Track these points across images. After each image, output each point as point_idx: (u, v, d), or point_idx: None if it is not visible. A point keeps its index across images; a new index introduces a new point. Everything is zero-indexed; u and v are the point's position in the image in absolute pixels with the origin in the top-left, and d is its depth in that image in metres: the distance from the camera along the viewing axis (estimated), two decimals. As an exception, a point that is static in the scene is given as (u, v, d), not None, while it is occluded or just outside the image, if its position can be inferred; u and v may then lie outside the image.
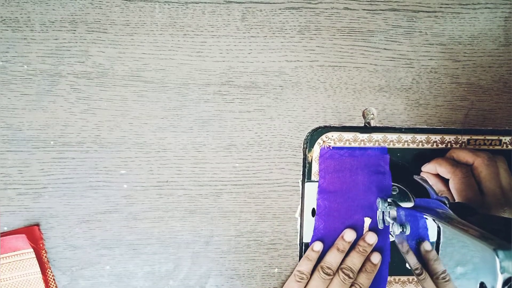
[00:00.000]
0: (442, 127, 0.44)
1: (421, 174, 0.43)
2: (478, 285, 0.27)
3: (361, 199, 0.44)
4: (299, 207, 0.45)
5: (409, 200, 0.44)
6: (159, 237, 0.44)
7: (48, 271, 0.43)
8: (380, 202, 0.42)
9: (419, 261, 0.36)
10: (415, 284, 0.46)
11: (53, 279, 0.43)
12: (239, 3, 0.43)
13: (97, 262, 0.43)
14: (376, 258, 0.43)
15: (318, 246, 0.43)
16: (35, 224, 0.42)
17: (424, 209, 0.36)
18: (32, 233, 0.42)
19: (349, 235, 0.43)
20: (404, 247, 0.38)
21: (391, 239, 0.45)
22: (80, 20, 0.42)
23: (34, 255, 0.42)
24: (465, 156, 0.40)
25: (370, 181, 0.44)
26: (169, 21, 0.42)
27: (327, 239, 0.44)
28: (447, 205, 0.33)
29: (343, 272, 0.42)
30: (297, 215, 0.45)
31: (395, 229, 0.38)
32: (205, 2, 0.42)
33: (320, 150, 0.44)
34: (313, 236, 0.44)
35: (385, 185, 0.44)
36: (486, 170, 0.38)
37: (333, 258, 0.42)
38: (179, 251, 0.44)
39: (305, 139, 0.44)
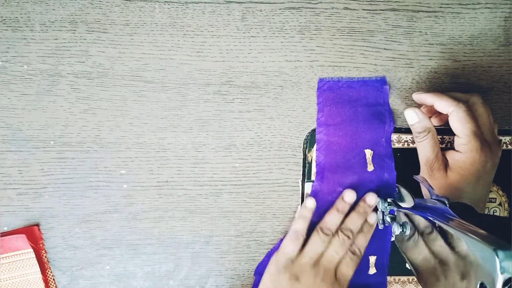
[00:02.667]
0: (442, 127, 0.44)
1: (413, 96, 0.43)
2: (478, 285, 0.27)
3: (361, 131, 0.43)
4: (299, 207, 0.44)
5: (409, 200, 0.44)
6: (159, 237, 0.44)
7: (48, 271, 0.43)
8: (380, 202, 0.42)
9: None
10: (415, 284, 0.46)
11: (53, 279, 0.43)
12: (239, 3, 0.43)
13: (97, 262, 0.43)
14: (372, 218, 0.42)
15: (310, 203, 0.42)
16: (35, 224, 0.42)
17: (424, 209, 0.36)
18: (32, 233, 0.42)
19: (349, 196, 0.42)
20: None
21: (391, 238, 0.45)
22: (80, 20, 0.42)
23: (34, 255, 0.42)
24: (460, 96, 0.41)
25: (369, 112, 0.43)
26: (169, 21, 0.42)
27: (329, 174, 0.43)
28: (447, 205, 0.33)
29: (343, 233, 0.41)
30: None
31: (395, 229, 0.38)
32: (205, 2, 0.42)
33: (318, 82, 0.43)
34: (316, 172, 0.43)
35: (385, 116, 0.43)
36: (482, 107, 0.40)
37: (332, 219, 0.42)
38: (179, 251, 0.44)
39: (305, 139, 0.44)
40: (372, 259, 0.44)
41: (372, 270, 0.44)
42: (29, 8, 0.41)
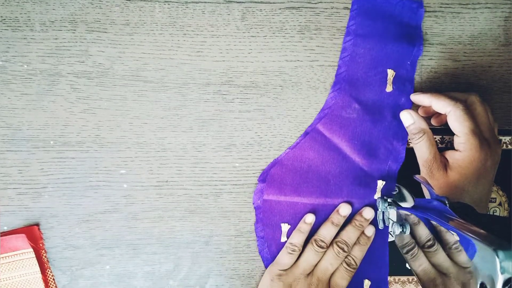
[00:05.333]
0: (442, 127, 0.44)
1: (411, 97, 0.42)
2: (478, 285, 0.27)
3: (388, 49, 0.42)
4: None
5: (409, 200, 0.44)
6: (159, 237, 0.44)
7: (48, 271, 0.43)
8: (380, 202, 0.42)
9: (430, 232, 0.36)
10: (415, 284, 0.46)
11: (53, 279, 0.43)
12: (239, 2, 0.43)
13: (97, 262, 0.43)
14: (369, 230, 0.43)
15: (310, 218, 0.43)
16: (35, 224, 0.42)
17: (424, 209, 0.36)
18: (32, 233, 0.42)
19: (344, 209, 0.43)
20: (415, 218, 0.38)
21: (391, 239, 0.45)
22: (80, 19, 0.42)
23: (34, 255, 0.42)
24: (457, 96, 0.41)
25: (400, 32, 0.42)
26: (169, 21, 0.42)
27: (347, 86, 0.42)
28: (447, 205, 0.33)
29: (338, 246, 0.41)
30: (297, 215, 0.45)
31: (395, 229, 0.38)
32: (205, 2, 0.42)
33: None
34: (334, 83, 0.43)
35: (415, 40, 0.42)
36: (480, 106, 0.40)
37: (327, 232, 0.42)
38: (179, 251, 0.44)
39: (305, 139, 0.44)
40: (367, 283, 0.44)
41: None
42: (29, 8, 0.41)
